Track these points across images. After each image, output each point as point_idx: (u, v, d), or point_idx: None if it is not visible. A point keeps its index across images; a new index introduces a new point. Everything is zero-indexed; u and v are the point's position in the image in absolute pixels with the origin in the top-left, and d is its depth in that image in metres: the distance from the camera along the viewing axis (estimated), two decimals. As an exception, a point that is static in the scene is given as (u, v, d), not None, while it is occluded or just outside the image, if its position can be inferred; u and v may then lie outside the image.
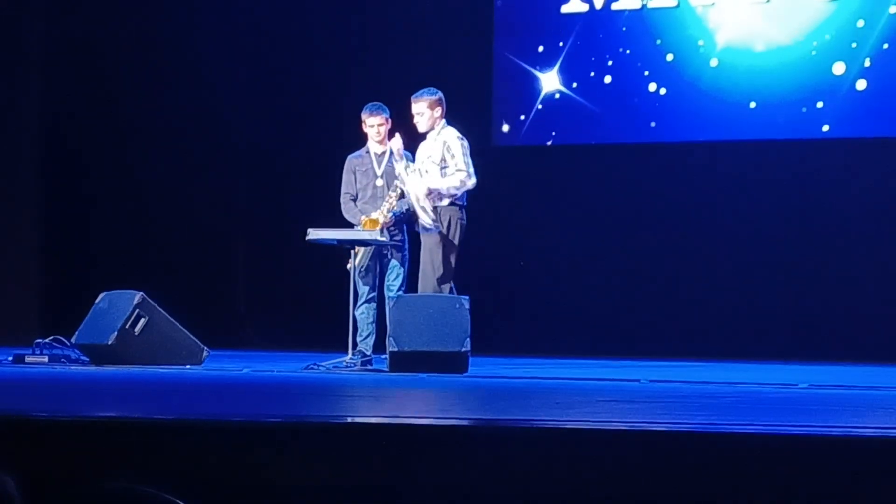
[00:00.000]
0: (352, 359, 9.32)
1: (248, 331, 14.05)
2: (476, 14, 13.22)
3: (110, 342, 9.43)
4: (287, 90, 13.95)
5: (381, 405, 6.31)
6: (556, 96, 12.94)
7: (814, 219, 12.29)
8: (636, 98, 12.70)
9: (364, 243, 9.46)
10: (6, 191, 14.17)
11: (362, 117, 9.69)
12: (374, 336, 9.51)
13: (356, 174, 9.71)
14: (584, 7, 12.83)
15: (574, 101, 12.87)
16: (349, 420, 5.19)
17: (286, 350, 12.02)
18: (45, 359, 9.58)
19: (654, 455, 4.10)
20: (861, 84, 11.96)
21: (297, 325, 13.29)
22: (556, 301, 12.97)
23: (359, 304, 9.53)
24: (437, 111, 9.39)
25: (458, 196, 9.31)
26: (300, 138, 13.74)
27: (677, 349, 11.93)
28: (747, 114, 12.33)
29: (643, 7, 12.66)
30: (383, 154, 9.61)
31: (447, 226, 9.26)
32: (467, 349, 8.83)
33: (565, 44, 12.91)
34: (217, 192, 14.16)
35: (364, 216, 9.52)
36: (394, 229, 9.54)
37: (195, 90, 13.85)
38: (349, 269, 9.51)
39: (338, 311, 9.98)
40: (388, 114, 9.66)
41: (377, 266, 9.61)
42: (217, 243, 14.29)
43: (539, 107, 12.98)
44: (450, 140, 9.35)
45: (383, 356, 9.13)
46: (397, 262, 9.58)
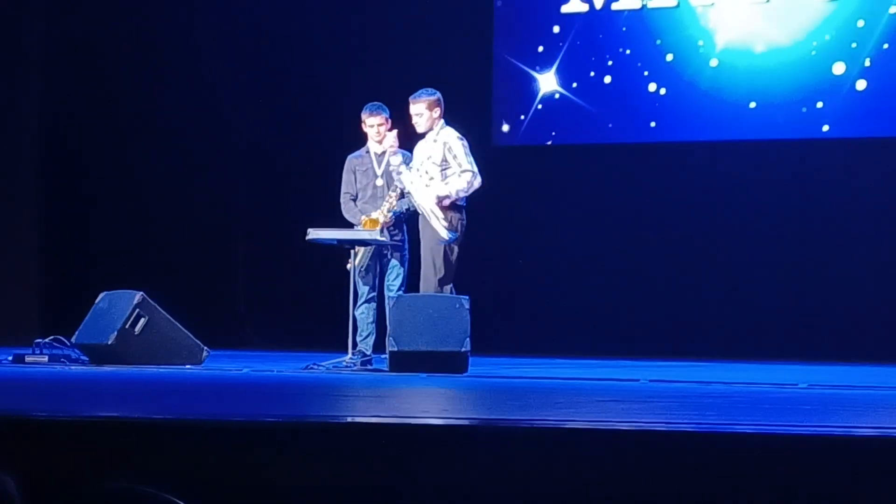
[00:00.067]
0: (352, 359, 9.33)
1: (248, 331, 14.04)
2: (476, 14, 13.21)
3: (110, 342, 9.43)
4: (287, 90, 13.95)
5: (381, 405, 6.31)
6: (556, 96, 12.93)
7: (814, 219, 12.28)
8: (636, 98, 12.69)
9: (364, 243, 9.46)
10: (6, 191, 14.16)
11: (362, 117, 9.69)
12: (374, 336, 9.51)
13: (356, 174, 9.72)
14: (583, 7, 12.83)
15: (574, 101, 12.86)
16: (349, 420, 5.19)
17: (286, 350, 12.01)
18: (45, 359, 9.58)
19: (654, 455, 4.10)
20: (861, 84, 11.96)
21: (297, 325, 13.28)
22: (556, 301, 12.96)
23: (359, 303, 9.53)
24: (436, 112, 9.39)
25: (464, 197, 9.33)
26: (300, 138, 13.74)
27: (677, 349, 11.93)
28: (747, 114, 12.33)
29: (643, 7, 12.65)
30: (383, 154, 9.61)
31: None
32: (467, 349, 8.83)
33: (565, 44, 12.90)
34: (217, 192, 14.16)
35: (364, 216, 9.52)
36: (394, 229, 9.54)
37: (195, 90, 13.85)
38: (349, 269, 9.51)
39: (338, 311, 9.98)
40: (388, 114, 9.66)
41: (377, 266, 9.61)
42: (217, 243, 14.29)
43: (539, 107, 12.97)
44: (450, 141, 9.35)
45: (383, 356, 9.13)
46: (397, 262, 9.57)
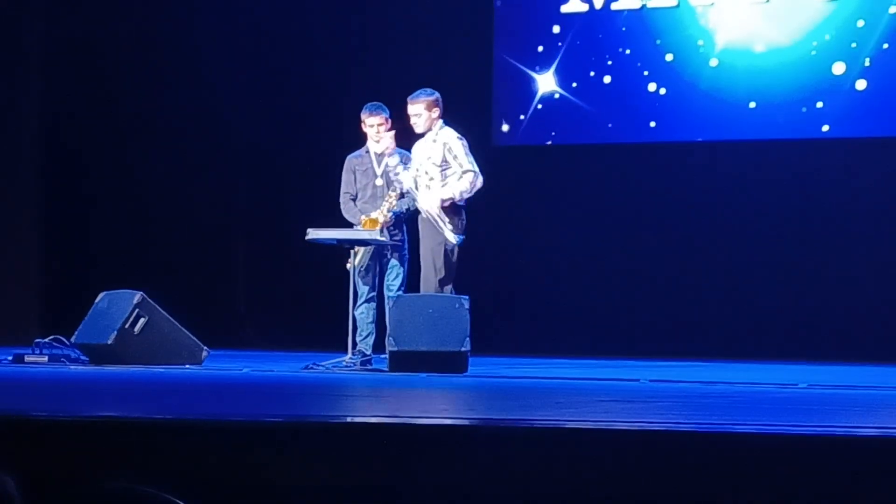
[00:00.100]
0: (351, 359, 9.32)
1: (248, 331, 14.04)
2: (476, 14, 13.21)
3: (110, 342, 9.43)
4: (287, 90, 13.95)
5: (381, 405, 6.31)
6: (556, 96, 12.93)
7: (814, 219, 12.28)
8: (636, 98, 12.69)
9: (364, 243, 9.46)
10: (6, 191, 14.16)
11: (362, 117, 9.69)
12: (373, 336, 9.51)
13: (356, 174, 9.72)
14: (583, 7, 12.83)
15: (574, 100, 12.86)
16: (349, 420, 5.19)
17: (286, 350, 12.01)
18: (45, 358, 9.58)
19: (654, 455, 4.10)
20: (861, 84, 11.96)
21: (297, 325, 13.28)
22: (556, 301, 12.96)
23: (358, 303, 9.53)
24: (435, 112, 9.39)
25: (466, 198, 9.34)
26: (300, 138, 13.74)
27: (677, 349, 11.93)
28: (747, 114, 12.33)
29: (643, 7, 12.65)
30: (383, 154, 9.61)
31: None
32: (467, 349, 8.83)
33: (565, 44, 12.90)
34: (217, 192, 14.16)
35: (364, 216, 9.52)
36: (393, 229, 9.53)
37: (195, 90, 13.85)
38: (349, 269, 9.51)
39: (338, 310, 9.98)
40: (388, 114, 9.66)
41: (377, 266, 9.61)
42: (217, 243, 14.28)
43: (539, 107, 12.97)
44: (450, 141, 9.34)
45: (383, 356, 9.13)
46: (397, 262, 9.57)
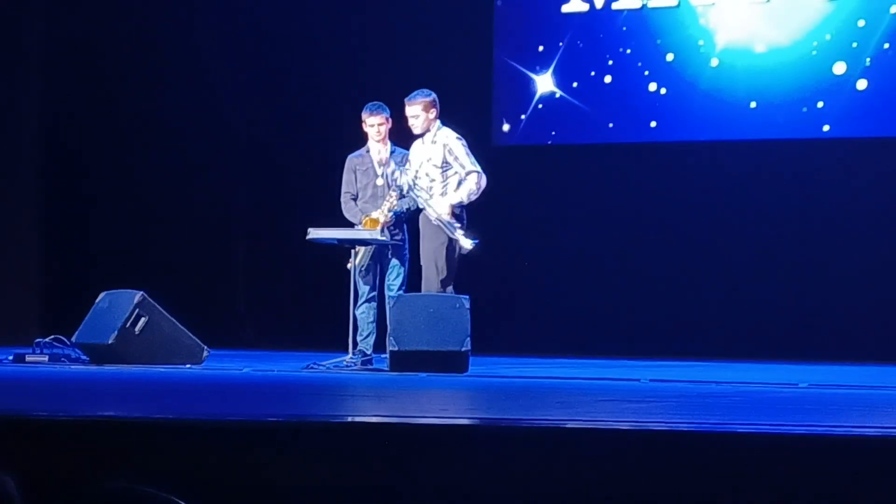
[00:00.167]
0: (352, 358, 9.33)
1: (248, 331, 14.04)
2: (476, 14, 13.21)
3: (110, 342, 9.43)
4: (287, 90, 13.94)
5: (382, 405, 6.31)
6: (556, 96, 12.93)
7: (814, 219, 12.28)
8: (636, 98, 12.68)
9: (364, 243, 9.46)
10: (6, 191, 14.15)
11: (362, 117, 9.69)
12: (374, 335, 9.51)
13: (356, 173, 9.72)
14: (584, 7, 12.82)
15: (574, 100, 12.85)
16: (349, 420, 5.19)
17: (286, 350, 12.00)
18: (46, 358, 9.59)
19: (654, 455, 4.10)
20: (861, 84, 11.95)
21: (297, 325, 13.28)
22: (556, 301, 12.96)
23: (359, 303, 9.53)
24: (432, 112, 9.39)
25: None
26: (300, 138, 13.73)
27: (677, 349, 11.92)
28: (747, 114, 12.32)
29: (643, 7, 12.64)
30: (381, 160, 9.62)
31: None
32: (467, 349, 8.83)
33: (565, 43, 12.90)
34: (217, 192, 14.15)
35: (364, 215, 9.52)
36: (394, 229, 9.54)
37: (195, 90, 13.84)
38: (349, 269, 9.51)
39: (338, 310, 9.98)
40: (389, 113, 9.66)
41: (377, 265, 9.61)
42: (217, 243, 14.28)
43: (539, 106, 12.96)
44: (450, 142, 9.35)
45: (383, 356, 9.13)
46: (398, 262, 9.57)
